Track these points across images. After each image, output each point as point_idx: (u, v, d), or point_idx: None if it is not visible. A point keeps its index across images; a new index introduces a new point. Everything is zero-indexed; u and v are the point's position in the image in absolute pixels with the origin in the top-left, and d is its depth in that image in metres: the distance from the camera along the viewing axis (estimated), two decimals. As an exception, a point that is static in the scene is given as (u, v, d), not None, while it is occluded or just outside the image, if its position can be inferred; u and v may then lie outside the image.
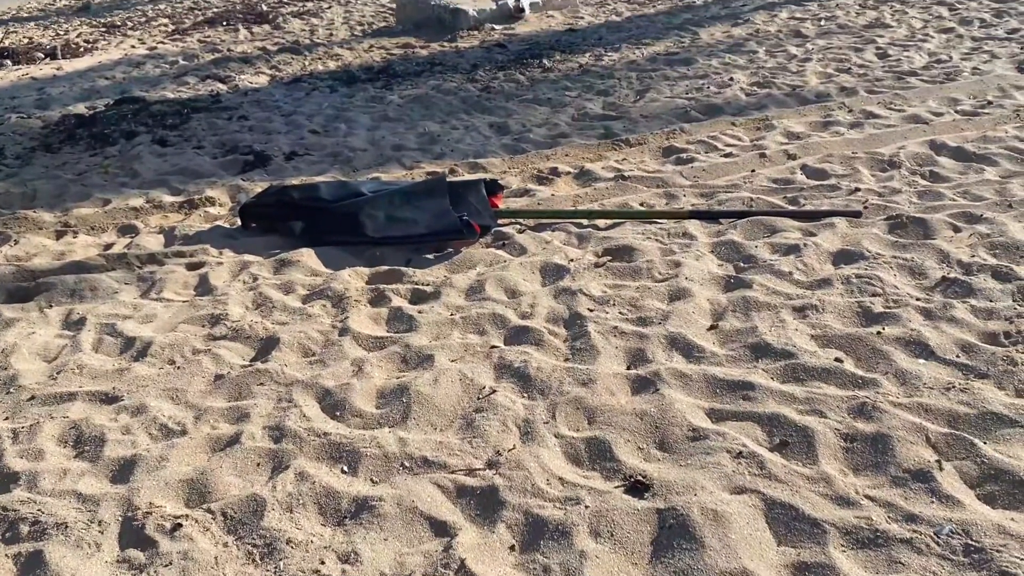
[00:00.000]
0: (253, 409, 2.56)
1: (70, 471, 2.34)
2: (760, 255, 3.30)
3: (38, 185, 4.72)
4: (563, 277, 3.26)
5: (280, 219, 3.92)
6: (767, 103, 5.34)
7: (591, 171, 4.40)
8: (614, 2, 9.37)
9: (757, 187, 3.99)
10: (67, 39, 9.69)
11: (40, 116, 6.26)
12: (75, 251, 3.86)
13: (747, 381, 2.50)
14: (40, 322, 3.23)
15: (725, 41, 7.11)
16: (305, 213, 3.87)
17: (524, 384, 2.59)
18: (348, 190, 4.02)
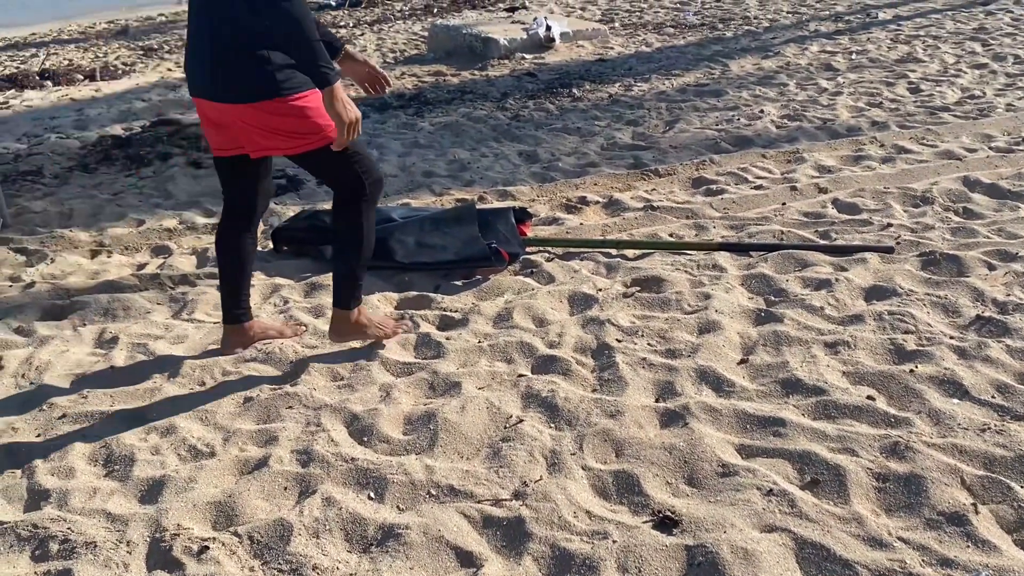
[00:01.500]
0: (281, 432, 2.57)
1: (100, 490, 2.36)
2: (791, 289, 3.28)
3: (75, 204, 4.80)
4: (591, 307, 3.25)
5: (311, 243, 3.95)
6: (797, 136, 5.33)
7: (620, 201, 4.41)
8: (644, 33, 9.42)
9: (788, 220, 3.98)
10: (106, 62, 9.89)
11: (78, 136, 6.38)
12: (109, 270, 3.91)
13: (778, 417, 2.48)
14: (74, 340, 3.27)
15: (755, 73, 7.12)
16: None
17: (551, 414, 2.59)
18: (379, 215, 4.04)
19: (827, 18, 9.36)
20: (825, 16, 9.47)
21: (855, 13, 9.50)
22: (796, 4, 10.45)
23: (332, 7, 13.69)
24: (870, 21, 8.99)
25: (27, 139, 6.43)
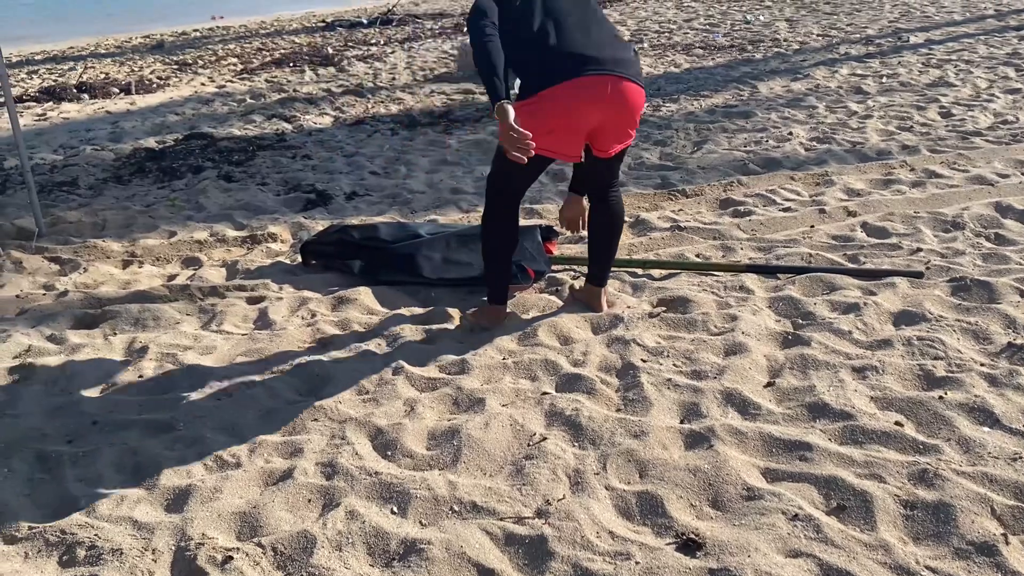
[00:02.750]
0: (307, 444, 2.59)
1: (127, 498, 2.38)
2: (819, 312, 3.26)
3: (108, 215, 4.88)
4: (616, 326, 3.25)
5: (340, 257, 3.99)
6: (827, 158, 5.31)
7: (647, 220, 4.41)
8: (673, 53, 9.44)
9: (816, 243, 3.95)
10: (141, 75, 10.07)
11: (113, 149, 6.50)
12: (140, 281, 3.97)
13: (804, 441, 2.46)
14: (104, 349, 3.32)
15: (784, 95, 7.10)
16: (364, 253, 3.94)
17: (575, 433, 2.58)
18: (406, 231, 4.08)
19: (858, 41, 9.33)
20: (856, 39, 9.45)
21: (886, 36, 9.46)
22: (826, 27, 10.43)
23: (364, 25, 13.86)
24: (901, 45, 8.95)
25: (63, 150, 6.55)
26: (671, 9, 13.37)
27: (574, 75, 2.82)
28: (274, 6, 18.63)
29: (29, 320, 3.58)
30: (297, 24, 15.18)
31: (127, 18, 17.27)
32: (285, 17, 16.80)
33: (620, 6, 14.24)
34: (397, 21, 14.13)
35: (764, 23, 11.13)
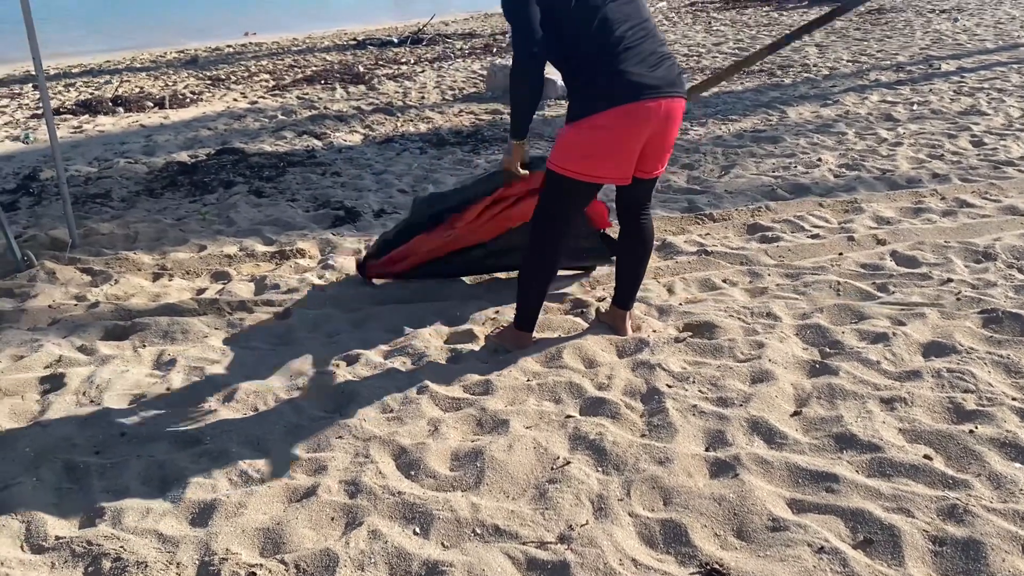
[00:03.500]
0: (331, 462, 2.60)
1: (152, 510, 2.40)
2: (847, 341, 3.23)
3: (140, 228, 4.95)
4: (642, 350, 3.24)
5: (405, 276, 3.98)
6: (856, 185, 5.27)
7: (673, 244, 4.40)
8: (701, 77, 9.44)
9: (845, 271, 3.93)
10: (175, 90, 10.23)
11: (146, 162, 6.60)
12: (170, 293, 4.02)
13: (831, 472, 2.43)
14: (133, 360, 3.35)
15: (813, 121, 7.08)
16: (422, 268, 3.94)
17: (599, 457, 2.57)
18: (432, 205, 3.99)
19: (888, 68, 9.29)
20: (886, 66, 9.41)
21: (917, 64, 9.41)
22: (856, 53, 10.40)
23: (395, 44, 14.00)
24: (932, 72, 8.90)
25: (97, 163, 6.66)
26: (700, 32, 13.40)
27: (631, 100, 2.81)
28: (306, 24, 18.87)
29: (61, 330, 3.63)
30: (328, 42, 15.37)
31: (162, 33, 17.56)
32: (317, 35, 17.01)
33: (649, 29, 14.29)
34: (427, 41, 14.26)
35: (793, 48, 11.12)
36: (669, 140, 3.01)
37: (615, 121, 2.83)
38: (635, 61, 2.83)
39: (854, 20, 13.71)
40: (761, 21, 14.44)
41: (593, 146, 2.88)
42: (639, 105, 2.82)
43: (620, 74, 2.81)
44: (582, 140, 2.89)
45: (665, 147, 3.02)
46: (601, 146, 2.88)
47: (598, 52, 2.82)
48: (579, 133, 2.89)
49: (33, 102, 9.71)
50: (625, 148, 2.89)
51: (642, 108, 2.83)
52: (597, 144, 2.88)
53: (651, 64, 2.85)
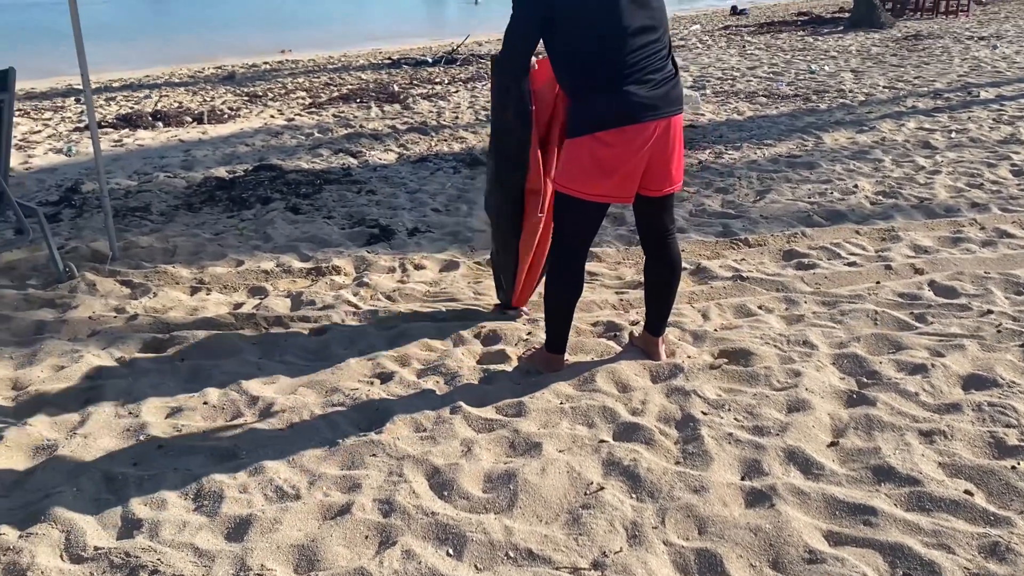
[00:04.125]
0: (365, 480, 2.61)
1: (189, 524, 2.43)
2: (885, 372, 3.20)
3: (178, 242, 5.02)
4: (676, 376, 3.23)
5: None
6: (893, 213, 5.23)
7: (708, 268, 4.38)
8: (736, 101, 9.43)
9: (882, 300, 3.89)
10: (213, 105, 10.40)
11: (185, 176, 6.71)
12: (207, 308, 4.07)
13: (869, 505, 2.40)
14: (171, 374, 3.40)
15: (849, 147, 7.04)
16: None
17: (633, 484, 2.56)
18: None
19: (926, 95, 9.22)
20: (924, 92, 9.33)
21: (955, 91, 9.33)
22: (893, 79, 10.33)
23: (428, 64, 14.13)
24: (971, 100, 8.81)
25: (137, 176, 6.78)
26: (734, 56, 13.39)
27: (630, 121, 2.83)
28: (342, 42, 19.11)
29: (100, 342, 3.69)
30: (364, 60, 15.55)
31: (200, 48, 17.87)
32: (352, 53, 17.22)
33: (683, 51, 14.30)
34: (461, 61, 14.38)
35: (829, 73, 11.07)
36: (672, 156, 3.00)
37: (614, 140, 2.85)
38: (639, 82, 2.82)
39: (890, 46, 13.64)
40: (796, 46, 14.40)
41: (593, 165, 2.89)
42: (639, 127, 2.84)
43: (624, 94, 2.81)
44: (582, 159, 2.91)
45: (669, 164, 3.01)
46: (601, 165, 2.89)
47: (606, 71, 2.81)
48: (579, 151, 2.91)
49: (75, 115, 9.91)
50: (624, 167, 2.89)
51: (640, 129, 2.84)
52: (597, 163, 2.89)
53: (653, 84, 2.85)
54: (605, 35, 2.80)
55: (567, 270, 3.14)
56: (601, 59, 2.81)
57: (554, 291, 3.18)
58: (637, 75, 2.82)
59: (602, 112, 2.84)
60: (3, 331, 3.80)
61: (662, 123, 2.89)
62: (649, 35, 2.86)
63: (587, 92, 2.86)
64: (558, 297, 3.19)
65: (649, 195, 3.07)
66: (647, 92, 2.83)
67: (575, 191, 2.95)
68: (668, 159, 3.00)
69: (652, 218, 3.19)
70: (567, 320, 3.24)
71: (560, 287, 3.16)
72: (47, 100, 11.28)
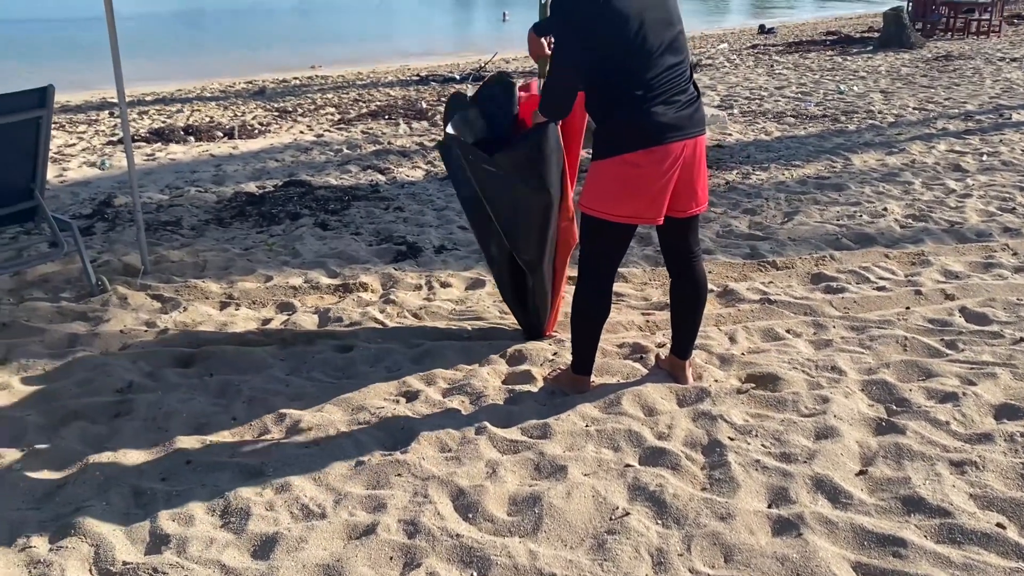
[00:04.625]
0: (390, 500, 2.62)
1: (216, 540, 2.44)
2: (914, 400, 3.16)
3: (209, 256, 5.08)
4: (703, 400, 3.21)
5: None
6: (923, 237, 5.18)
7: (735, 291, 4.36)
8: (763, 121, 9.40)
9: (912, 326, 3.85)
10: (243, 120, 10.52)
11: (215, 191, 6.79)
12: (236, 323, 4.11)
13: (898, 537, 2.37)
14: (200, 389, 3.43)
15: (879, 169, 6.98)
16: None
17: (659, 510, 2.55)
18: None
19: (956, 116, 9.14)
20: (954, 114, 9.25)
21: (987, 113, 9.24)
22: (923, 100, 10.25)
23: (456, 81, 14.23)
24: (1003, 122, 8.73)
25: (169, 191, 6.87)
26: (762, 76, 13.35)
27: (655, 143, 2.84)
28: (371, 58, 19.30)
29: (131, 355, 3.74)
30: (393, 77, 15.68)
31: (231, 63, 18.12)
32: (381, 69, 17.38)
33: (711, 71, 14.29)
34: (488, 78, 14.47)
35: (858, 94, 11.02)
36: (698, 176, 3.02)
37: (640, 161, 2.86)
38: (663, 103, 2.84)
39: (920, 67, 13.55)
40: (824, 66, 14.35)
41: (621, 187, 2.91)
42: (667, 147, 2.85)
43: (649, 116, 2.82)
44: (610, 180, 2.92)
45: (695, 184, 3.03)
46: (627, 186, 2.90)
47: (633, 93, 2.83)
48: (606, 173, 2.93)
49: (109, 128, 10.07)
50: (652, 188, 2.90)
51: (667, 150, 2.86)
52: (623, 184, 2.90)
53: (679, 106, 2.88)
54: (632, 58, 2.82)
55: (595, 291, 3.14)
56: (628, 82, 2.83)
57: (582, 312, 3.18)
58: (663, 97, 2.84)
59: (630, 134, 2.85)
60: (37, 343, 3.86)
61: (688, 143, 2.91)
62: (674, 57, 2.89)
63: (614, 114, 2.87)
64: (585, 318, 3.19)
65: (675, 216, 3.07)
66: (674, 113, 2.85)
67: (603, 213, 2.96)
68: (694, 180, 3.01)
69: (677, 239, 3.19)
70: (594, 342, 3.24)
71: (588, 308, 3.16)
72: (81, 113, 11.47)
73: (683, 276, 3.25)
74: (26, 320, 4.10)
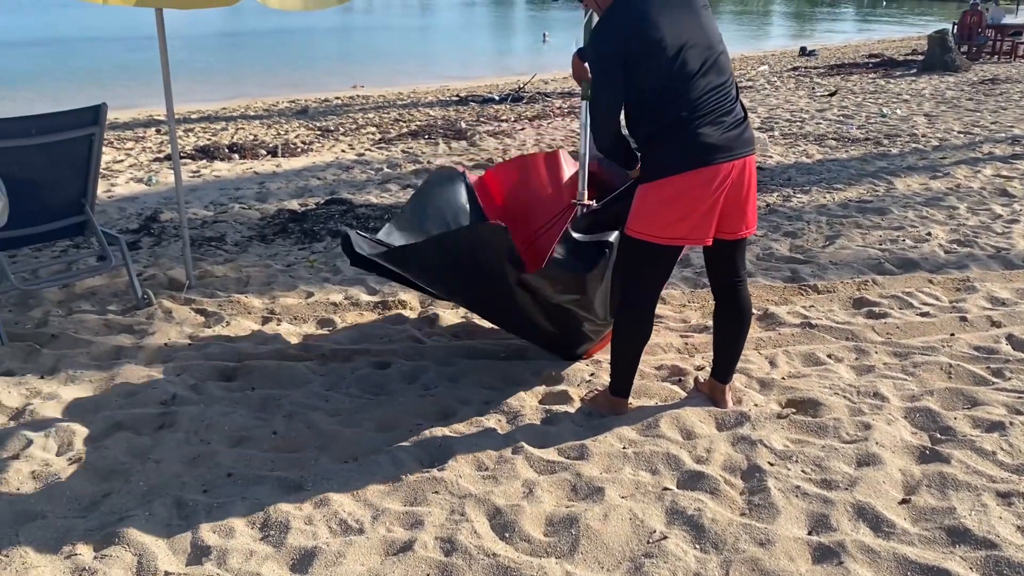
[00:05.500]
0: (427, 517, 2.63)
1: (256, 553, 2.47)
2: (959, 428, 3.10)
3: (251, 272, 5.16)
4: (742, 424, 3.18)
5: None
6: (968, 263, 5.09)
7: (775, 314, 4.33)
8: (804, 144, 9.34)
9: (957, 353, 3.78)
10: (286, 139, 10.69)
11: (258, 208, 6.90)
12: (278, 338, 4.16)
13: (943, 568, 2.32)
14: (242, 402, 3.48)
15: (922, 193, 6.89)
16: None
17: (697, 534, 2.52)
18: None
19: (1003, 140, 8.99)
20: (1001, 139, 9.11)
21: (1034, 137, 9.08)
22: (968, 124, 10.11)
23: (495, 101, 14.33)
24: (1051, 146, 8.57)
25: (213, 207, 7.00)
26: (803, 98, 13.26)
27: (704, 164, 2.84)
28: (411, 78, 19.52)
29: (174, 368, 3.80)
30: (432, 97, 15.84)
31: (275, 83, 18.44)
32: (421, 89, 17.56)
33: (751, 93, 14.23)
34: (527, 98, 14.55)
35: (901, 117, 10.89)
36: (748, 198, 3.01)
37: (689, 183, 2.86)
38: (710, 124, 2.85)
39: (965, 90, 13.36)
40: (867, 88, 14.21)
41: (668, 208, 2.91)
42: (714, 168, 2.85)
43: (696, 137, 2.83)
44: (657, 203, 2.92)
45: (745, 206, 3.01)
46: (676, 208, 2.90)
47: (677, 119, 2.84)
48: (654, 195, 2.93)
49: (156, 145, 10.29)
50: (700, 209, 2.90)
51: (715, 171, 2.85)
52: (672, 206, 2.90)
53: (726, 127, 2.88)
54: (673, 81, 2.83)
55: (638, 313, 3.13)
56: (672, 104, 2.84)
57: (623, 333, 3.18)
58: (709, 118, 2.84)
59: (677, 156, 2.86)
60: (84, 355, 3.94)
61: (737, 164, 2.90)
62: (718, 78, 2.89)
63: (660, 137, 2.88)
64: (627, 340, 3.18)
65: (724, 238, 3.06)
66: (720, 134, 2.85)
67: (651, 235, 2.96)
68: (744, 201, 3.00)
69: (724, 262, 3.18)
70: (634, 363, 3.23)
71: (630, 330, 3.16)
72: (129, 131, 11.74)
73: (729, 300, 3.23)
74: (74, 332, 4.19)
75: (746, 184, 2.98)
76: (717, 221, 2.98)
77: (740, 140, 2.91)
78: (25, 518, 2.67)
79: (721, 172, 2.86)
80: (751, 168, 2.98)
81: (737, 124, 2.91)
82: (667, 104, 2.85)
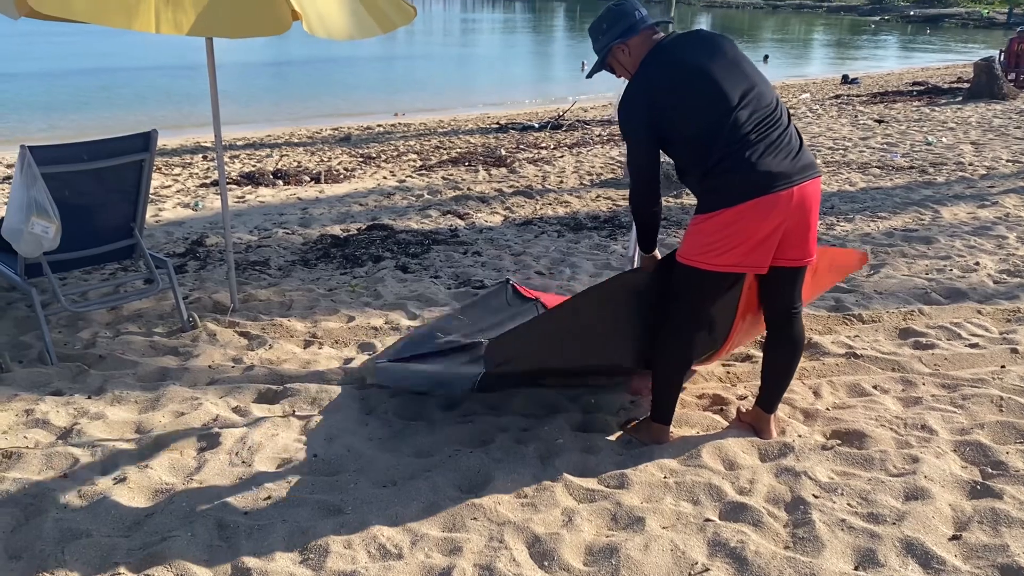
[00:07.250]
0: (466, 543, 2.62)
1: (295, 576, 2.48)
2: (1011, 463, 3.02)
3: (294, 296, 5.22)
4: (786, 455, 3.13)
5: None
6: (1018, 293, 4.98)
7: (819, 344, 4.26)
8: (848, 171, 9.24)
9: (1008, 385, 3.69)
10: (329, 166, 10.85)
11: (302, 233, 7.00)
12: (319, 361, 4.20)
13: (997, 608, 2.25)
14: (283, 425, 3.51)
15: (970, 222, 6.77)
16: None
17: (740, 567, 2.48)
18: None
19: (1053, 169, 8.82)
20: (1051, 167, 8.93)
21: (1086, 166, 8.89)
22: (1017, 153, 9.93)
23: (535, 129, 14.42)
24: (1104, 175, 8.38)
25: (257, 232, 7.11)
26: (846, 126, 13.14)
27: (762, 193, 2.81)
28: (452, 106, 19.73)
29: (218, 390, 3.85)
30: (472, 124, 15.98)
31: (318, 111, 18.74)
32: (461, 117, 17.73)
33: (793, 120, 14.14)
34: (567, 126, 14.61)
35: (947, 145, 10.74)
36: (809, 224, 2.96)
37: (743, 214, 2.83)
38: (764, 153, 2.83)
39: (1014, 118, 13.14)
40: (911, 116, 14.05)
41: (720, 238, 2.88)
42: (772, 197, 2.82)
43: (748, 167, 2.81)
44: (710, 233, 2.90)
45: (806, 233, 2.97)
46: (729, 238, 2.87)
47: (726, 153, 2.83)
48: (709, 226, 2.91)
49: (202, 171, 10.50)
50: (753, 238, 2.86)
51: (772, 199, 2.82)
52: (724, 236, 2.88)
53: (781, 154, 2.85)
54: (714, 115, 2.84)
55: (685, 340, 3.11)
56: (716, 141, 2.84)
57: (668, 360, 3.15)
58: (759, 147, 2.83)
59: (731, 189, 2.84)
60: (130, 376, 4.01)
61: (796, 191, 2.86)
62: (759, 104, 2.88)
63: (713, 174, 2.87)
64: (671, 366, 3.16)
65: (782, 265, 3.02)
66: (773, 161, 2.83)
67: (703, 263, 2.94)
68: (806, 228, 2.96)
69: (780, 292, 3.13)
70: (677, 390, 3.21)
71: (675, 356, 3.14)
72: (176, 156, 12.00)
73: (781, 331, 3.19)
74: (121, 353, 4.27)
75: (809, 209, 2.93)
76: (777, 248, 2.94)
77: (797, 165, 2.87)
78: (71, 536, 2.71)
79: (781, 200, 2.83)
80: (812, 192, 2.93)
81: (791, 150, 2.89)
82: (711, 142, 2.84)
